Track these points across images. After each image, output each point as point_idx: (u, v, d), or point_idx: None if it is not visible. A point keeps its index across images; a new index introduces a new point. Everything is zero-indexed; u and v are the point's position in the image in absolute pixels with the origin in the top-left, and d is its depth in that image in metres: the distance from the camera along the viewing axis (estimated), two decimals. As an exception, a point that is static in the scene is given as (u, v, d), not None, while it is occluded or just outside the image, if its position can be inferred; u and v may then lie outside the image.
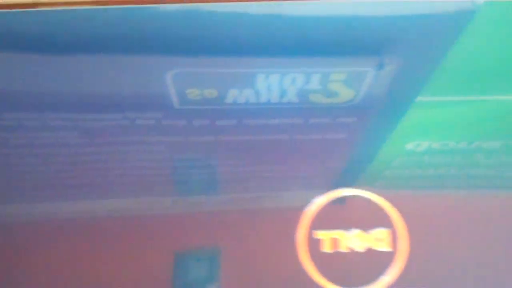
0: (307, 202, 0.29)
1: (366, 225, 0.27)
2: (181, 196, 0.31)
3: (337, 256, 0.26)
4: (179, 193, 0.31)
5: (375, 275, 0.26)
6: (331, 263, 0.26)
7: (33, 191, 0.31)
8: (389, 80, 0.35)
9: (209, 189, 0.31)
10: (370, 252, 0.26)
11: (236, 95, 0.33)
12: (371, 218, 0.28)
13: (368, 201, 0.29)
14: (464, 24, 0.37)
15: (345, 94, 0.34)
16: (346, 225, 0.27)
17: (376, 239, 0.26)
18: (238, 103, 0.33)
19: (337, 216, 0.28)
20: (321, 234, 0.27)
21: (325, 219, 0.28)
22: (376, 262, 0.26)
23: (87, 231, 0.30)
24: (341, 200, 0.29)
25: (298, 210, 0.28)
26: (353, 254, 0.26)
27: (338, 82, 0.34)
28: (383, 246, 0.27)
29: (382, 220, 0.28)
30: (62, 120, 0.33)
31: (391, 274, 0.26)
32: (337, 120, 0.33)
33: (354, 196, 0.29)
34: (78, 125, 0.33)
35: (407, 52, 0.36)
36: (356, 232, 0.27)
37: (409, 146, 0.32)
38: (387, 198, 0.29)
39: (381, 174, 0.31)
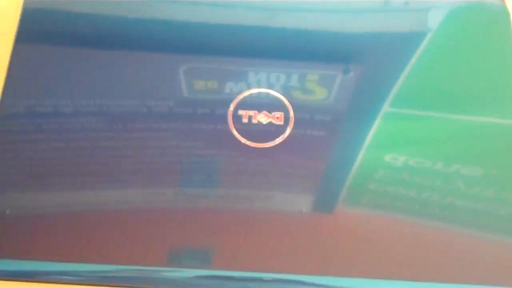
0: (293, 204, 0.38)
1: (270, 109, 0.41)
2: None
3: (251, 125, 0.41)
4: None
5: (273, 136, 0.41)
6: (247, 129, 0.41)
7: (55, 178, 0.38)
8: (355, 84, 0.43)
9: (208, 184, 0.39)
10: (271, 124, 0.40)
11: (232, 87, 0.42)
12: (274, 105, 0.42)
13: (273, 96, 0.42)
14: (418, 43, 0.45)
15: (319, 92, 0.42)
16: (258, 109, 0.41)
17: (276, 118, 0.40)
18: (234, 93, 0.42)
19: (253, 103, 0.42)
20: (242, 112, 0.41)
21: (245, 104, 0.42)
22: (274, 129, 0.41)
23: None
24: (257, 94, 0.42)
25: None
26: (260, 124, 0.41)
27: (313, 82, 0.42)
28: (279, 122, 0.40)
29: (280, 107, 0.42)
30: (91, 106, 0.41)
31: (282, 136, 0.40)
32: (315, 117, 0.41)
33: (265, 92, 0.42)
34: (104, 110, 0.41)
35: (370, 63, 0.44)
36: (263, 112, 0.41)
37: (387, 158, 0.40)
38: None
39: (367, 188, 0.39)
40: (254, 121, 0.41)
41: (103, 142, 0.40)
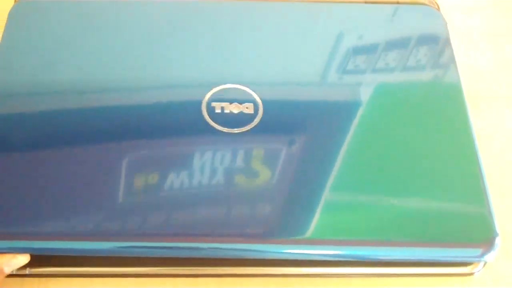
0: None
1: (241, 100, 0.44)
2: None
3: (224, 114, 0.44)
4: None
5: (244, 123, 0.43)
6: (221, 117, 0.43)
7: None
8: (299, 157, 0.42)
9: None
10: (241, 113, 0.44)
11: (173, 178, 0.40)
12: (244, 97, 0.44)
13: (244, 90, 0.45)
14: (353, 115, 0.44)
15: (264, 173, 0.41)
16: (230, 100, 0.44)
17: (246, 107, 0.44)
18: (174, 189, 0.40)
19: (224, 95, 0.45)
20: (215, 104, 0.44)
21: (218, 97, 0.44)
22: (245, 117, 0.43)
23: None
24: (228, 89, 0.45)
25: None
26: (232, 114, 0.43)
27: (258, 159, 0.42)
28: (249, 111, 0.43)
29: (250, 98, 0.44)
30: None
31: (252, 124, 0.43)
32: (256, 206, 0.40)
33: (236, 88, 0.45)
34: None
35: (312, 133, 0.44)
36: (235, 103, 0.44)
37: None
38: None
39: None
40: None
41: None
